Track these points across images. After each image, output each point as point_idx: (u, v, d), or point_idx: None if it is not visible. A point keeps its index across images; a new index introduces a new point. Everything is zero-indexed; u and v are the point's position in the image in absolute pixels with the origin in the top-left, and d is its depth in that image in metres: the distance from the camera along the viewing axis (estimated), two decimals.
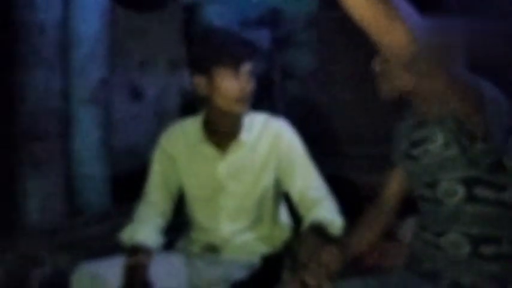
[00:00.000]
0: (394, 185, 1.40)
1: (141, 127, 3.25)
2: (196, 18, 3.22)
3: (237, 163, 1.55)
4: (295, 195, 1.56)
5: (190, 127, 1.60)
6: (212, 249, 1.58)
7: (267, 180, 1.56)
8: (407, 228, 1.70)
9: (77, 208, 2.57)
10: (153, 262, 1.51)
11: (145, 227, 1.53)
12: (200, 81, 1.49)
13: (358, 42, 2.57)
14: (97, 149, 2.62)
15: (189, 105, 3.10)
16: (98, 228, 2.15)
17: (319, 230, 1.41)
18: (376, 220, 1.41)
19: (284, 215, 1.66)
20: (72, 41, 2.49)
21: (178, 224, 1.68)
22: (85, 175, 2.58)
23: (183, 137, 1.60)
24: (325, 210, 1.50)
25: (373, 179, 2.03)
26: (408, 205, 1.40)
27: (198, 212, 1.60)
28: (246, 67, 1.48)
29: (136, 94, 3.27)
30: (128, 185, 2.69)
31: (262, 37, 3.01)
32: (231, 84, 1.46)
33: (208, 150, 1.56)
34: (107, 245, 1.81)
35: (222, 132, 1.56)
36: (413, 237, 1.32)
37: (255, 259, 1.53)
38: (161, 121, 3.27)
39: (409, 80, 1.19)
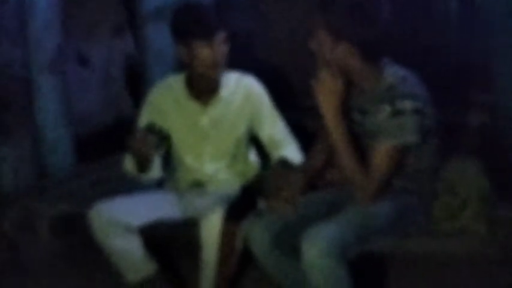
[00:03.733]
0: None
1: (89, 92, 3.52)
2: None
3: (216, 115, 2.01)
4: (264, 138, 2.06)
5: (175, 85, 2.03)
6: (198, 185, 2.04)
7: (242, 128, 2.03)
8: None
9: (43, 170, 2.88)
10: (149, 198, 1.95)
11: None
12: (181, 50, 1.91)
13: (297, 3, 3.02)
14: (59, 115, 2.90)
15: (134, 69, 3.43)
16: (86, 180, 2.50)
17: (285, 163, 1.92)
18: (323, 150, 1.89)
19: (253, 155, 2.15)
20: (29, 12, 2.72)
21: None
22: (50, 140, 2.87)
23: (170, 93, 2.03)
24: (289, 149, 2.03)
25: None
26: None
27: (184, 154, 2.05)
28: (219, 37, 1.89)
29: (83, 60, 3.52)
30: (82, 147, 3.02)
31: (204, 1, 3.36)
32: (206, 53, 1.87)
33: (193, 105, 2.00)
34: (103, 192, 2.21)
35: (203, 90, 1.99)
36: None
37: (234, 191, 2.01)
38: (108, 86, 3.56)
39: None
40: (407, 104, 1.55)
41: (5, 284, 2.14)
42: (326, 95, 1.60)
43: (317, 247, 1.46)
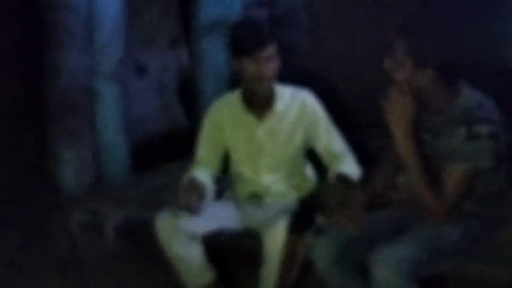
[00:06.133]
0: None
1: (145, 101, 3.61)
2: None
3: (272, 128, 2.03)
4: (320, 150, 2.06)
5: (232, 100, 2.07)
6: (256, 196, 2.07)
7: (297, 140, 2.05)
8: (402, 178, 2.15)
9: (101, 175, 2.96)
10: (210, 208, 1.98)
11: (199, 172, 2.00)
12: (234, 65, 1.95)
13: (353, 21, 3.03)
14: (118, 122, 2.98)
15: (187, 80, 3.50)
16: (144, 187, 2.56)
17: (345, 179, 1.91)
18: (387, 169, 1.88)
19: (310, 170, 2.16)
20: (96, 23, 2.82)
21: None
22: (108, 146, 2.95)
23: (227, 108, 2.07)
24: (347, 163, 2.02)
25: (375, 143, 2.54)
26: None
27: (242, 167, 2.08)
28: (267, 52, 1.90)
29: (141, 70, 3.62)
30: (137, 154, 3.09)
31: (261, 17, 3.41)
32: (251, 69, 1.90)
33: (249, 118, 2.03)
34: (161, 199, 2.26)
35: (258, 104, 2.03)
36: None
37: (292, 204, 2.03)
38: (163, 96, 3.65)
39: None
40: (483, 129, 1.53)
41: (66, 281, 2.22)
42: (397, 115, 1.59)
43: (389, 267, 1.45)
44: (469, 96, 1.61)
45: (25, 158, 2.84)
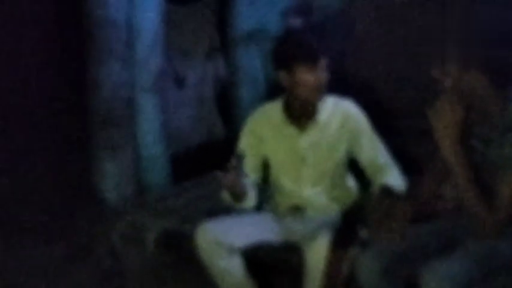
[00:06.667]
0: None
1: (183, 111, 3.63)
2: (229, 9, 3.53)
3: (314, 139, 1.99)
4: (364, 162, 2.00)
5: (273, 110, 2.04)
6: (297, 209, 2.02)
7: (340, 152, 2.00)
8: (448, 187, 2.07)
9: (141, 186, 2.98)
10: (250, 220, 1.95)
11: None
12: (282, 75, 1.91)
13: (391, 29, 2.95)
14: (158, 133, 3.01)
15: (224, 90, 3.50)
16: (184, 198, 2.56)
17: (389, 191, 1.85)
18: (433, 179, 1.81)
19: (351, 181, 2.10)
20: (135, 36, 2.86)
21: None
22: (149, 157, 2.97)
23: (267, 118, 2.04)
24: (391, 175, 1.96)
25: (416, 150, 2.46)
26: None
27: (283, 179, 2.04)
28: (322, 63, 1.89)
29: (179, 81, 3.64)
30: (176, 164, 3.10)
31: (298, 26, 3.38)
32: (309, 78, 1.88)
33: (290, 129, 2.00)
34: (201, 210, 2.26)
35: (300, 115, 1.99)
36: None
37: (335, 217, 1.98)
38: (201, 106, 3.66)
39: None
40: None
41: None
42: (444, 123, 1.53)
43: (442, 283, 1.39)
44: None
45: (70, 170, 2.90)
